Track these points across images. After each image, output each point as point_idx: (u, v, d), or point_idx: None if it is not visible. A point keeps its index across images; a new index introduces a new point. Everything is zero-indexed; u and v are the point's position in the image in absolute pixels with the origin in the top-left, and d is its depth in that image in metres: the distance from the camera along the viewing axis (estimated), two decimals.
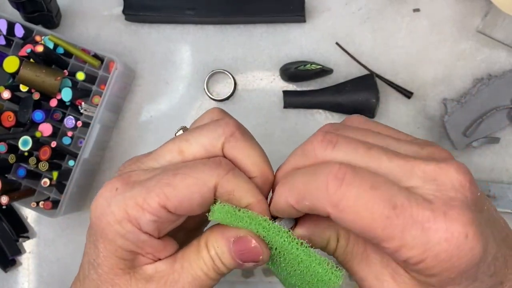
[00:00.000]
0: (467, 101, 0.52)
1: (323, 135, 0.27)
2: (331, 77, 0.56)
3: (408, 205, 0.24)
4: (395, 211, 0.23)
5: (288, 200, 0.27)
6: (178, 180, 0.27)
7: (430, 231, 0.23)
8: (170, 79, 0.58)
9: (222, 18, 0.56)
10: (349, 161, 0.26)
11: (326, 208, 0.25)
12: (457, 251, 0.23)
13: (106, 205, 0.28)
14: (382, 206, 0.24)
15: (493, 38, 0.54)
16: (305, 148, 0.28)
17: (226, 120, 0.30)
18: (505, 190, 0.52)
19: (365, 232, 0.24)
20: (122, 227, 0.27)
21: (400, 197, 0.24)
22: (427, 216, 0.23)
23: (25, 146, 0.50)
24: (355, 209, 0.24)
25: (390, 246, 0.24)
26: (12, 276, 0.57)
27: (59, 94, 0.52)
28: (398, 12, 0.56)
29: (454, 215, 0.23)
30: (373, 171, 0.25)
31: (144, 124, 0.57)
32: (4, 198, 0.49)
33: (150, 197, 0.27)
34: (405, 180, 0.25)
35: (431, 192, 0.24)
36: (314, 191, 0.25)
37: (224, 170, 0.28)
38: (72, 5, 0.59)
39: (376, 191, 0.24)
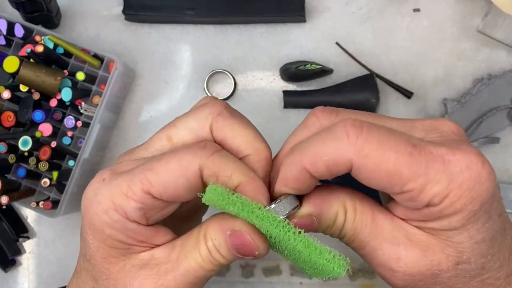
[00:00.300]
0: (467, 101, 0.52)
1: (323, 108, 0.27)
2: (331, 77, 0.56)
3: (425, 144, 0.25)
4: (416, 149, 0.24)
5: (303, 164, 0.26)
6: (161, 165, 0.26)
7: (451, 163, 0.24)
8: (170, 79, 0.58)
9: (222, 18, 0.56)
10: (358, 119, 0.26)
11: (350, 157, 0.24)
12: (478, 177, 0.24)
13: (93, 195, 0.28)
14: (404, 145, 0.24)
15: (493, 38, 0.54)
16: (307, 122, 0.28)
17: (213, 101, 0.29)
18: (505, 190, 0.52)
19: (391, 175, 0.24)
20: (109, 217, 0.27)
21: (415, 139, 0.25)
22: (445, 151, 0.24)
23: (25, 146, 0.50)
24: (379, 151, 0.24)
25: (415, 186, 0.24)
26: (12, 276, 0.57)
27: (59, 94, 0.52)
28: (398, 12, 0.56)
29: (467, 148, 0.25)
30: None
31: (144, 124, 0.57)
32: (4, 198, 0.49)
33: (133, 184, 0.26)
34: (411, 133, 0.26)
35: (436, 138, 0.26)
36: (333, 144, 0.25)
37: (208, 152, 0.27)
38: (72, 5, 0.59)
39: (394, 135, 0.25)
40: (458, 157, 0.24)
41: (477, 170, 0.24)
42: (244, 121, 0.29)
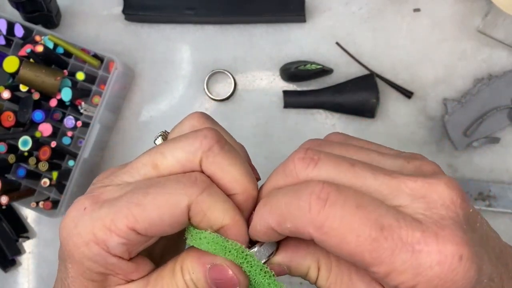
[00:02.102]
0: (468, 101, 0.52)
1: (304, 152, 0.25)
2: (331, 77, 0.55)
3: (396, 225, 0.22)
4: (383, 233, 0.22)
5: (268, 222, 0.25)
6: (148, 200, 0.25)
7: (421, 254, 0.22)
8: (170, 79, 0.58)
9: (222, 18, 0.56)
10: (332, 179, 0.24)
11: (309, 231, 0.23)
12: (451, 275, 0.22)
13: (73, 226, 0.26)
14: (369, 227, 0.22)
15: (493, 38, 0.54)
16: (286, 167, 0.26)
17: (204, 132, 0.28)
18: (505, 190, 0.52)
19: (352, 256, 0.23)
20: (89, 250, 0.26)
21: (388, 217, 0.22)
22: (417, 238, 0.22)
23: (25, 146, 0.50)
24: (340, 231, 0.22)
25: (379, 271, 0.22)
26: (12, 276, 0.57)
27: (59, 94, 0.52)
28: (398, 12, 0.56)
29: (446, 236, 0.22)
30: (358, 190, 0.24)
31: (144, 124, 0.57)
32: (4, 198, 0.49)
33: (118, 218, 0.25)
34: (392, 198, 0.24)
35: (420, 211, 0.23)
36: (296, 213, 0.23)
37: (198, 189, 0.26)
38: (72, 5, 0.59)
39: (362, 211, 0.22)
40: (431, 249, 0.22)
41: (450, 267, 0.22)
42: (234, 156, 0.28)
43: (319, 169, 0.25)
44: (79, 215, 0.26)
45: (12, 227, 0.56)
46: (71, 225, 0.26)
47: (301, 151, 0.26)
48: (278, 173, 0.27)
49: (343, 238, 0.22)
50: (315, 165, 0.25)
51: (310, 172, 0.25)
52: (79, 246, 0.26)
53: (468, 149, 0.53)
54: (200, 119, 0.30)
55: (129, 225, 0.25)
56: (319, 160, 0.25)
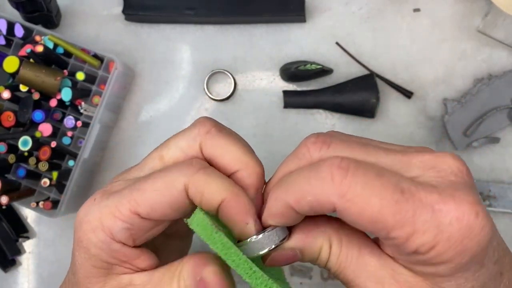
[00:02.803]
0: (468, 101, 0.52)
1: (316, 137, 0.26)
2: (331, 77, 0.56)
3: (415, 189, 0.23)
4: (404, 196, 0.23)
5: (287, 200, 0.26)
6: (148, 184, 0.27)
7: (441, 213, 0.23)
8: (170, 79, 0.58)
9: (222, 18, 0.56)
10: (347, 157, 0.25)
11: (333, 200, 0.24)
12: (469, 231, 0.23)
13: (84, 215, 0.28)
14: (391, 191, 0.23)
15: (493, 38, 0.54)
16: (298, 152, 0.27)
17: (202, 120, 0.29)
18: (505, 190, 0.52)
19: (374, 222, 0.23)
20: (96, 236, 0.27)
21: (406, 183, 0.24)
22: (436, 199, 0.23)
23: (25, 146, 0.50)
24: (363, 197, 0.23)
25: (401, 234, 0.23)
26: (12, 276, 0.57)
27: (59, 94, 0.52)
28: (398, 12, 0.56)
29: (461, 196, 0.23)
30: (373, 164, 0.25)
31: (144, 124, 0.57)
32: (4, 198, 0.49)
33: (121, 204, 0.27)
34: (405, 171, 0.25)
35: (433, 178, 0.24)
36: (318, 184, 0.24)
37: (194, 169, 0.27)
38: (72, 5, 0.59)
39: (382, 178, 0.24)
40: (449, 207, 0.23)
41: (468, 223, 0.23)
42: (233, 137, 0.29)
43: (332, 150, 0.26)
44: (90, 205, 0.28)
45: (12, 227, 0.56)
46: (82, 214, 0.28)
47: (312, 136, 0.27)
48: (290, 159, 0.28)
49: (367, 203, 0.23)
50: (328, 147, 0.26)
51: (324, 154, 0.26)
52: (87, 232, 0.28)
53: (468, 149, 0.53)
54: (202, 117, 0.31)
55: (132, 209, 0.27)
56: (332, 143, 0.26)
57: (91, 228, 0.28)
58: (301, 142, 0.27)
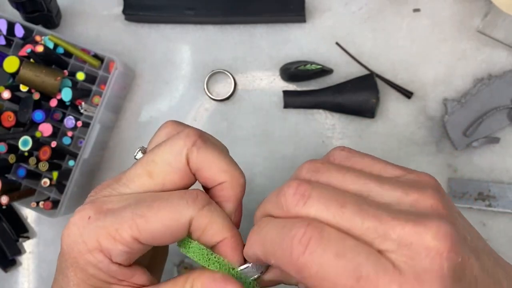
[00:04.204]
0: (468, 101, 0.52)
1: (296, 187, 0.26)
2: (331, 77, 0.56)
3: (374, 276, 0.22)
4: (359, 283, 0.22)
5: (257, 254, 0.27)
6: (152, 213, 0.27)
7: None
8: (170, 79, 0.58)
9: (222, 18, 0.56)
10: (321, 217, 0.25)
11: (290, 272, 0.24)
12: None
13: (78, 234, 0.28)
14: (346, 277, 0.23)
15: (493, 38, 0.54)
16: (278, 199, 0.27)
17: (186, 131, 0.30)
18: (505, 190, 0.52)
19: None
20: (94, 257, 0.27)
21: (366, 267, 0.23)
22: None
23: (25, 146, 0.50)
24: (317, 277, 0.23)
25: None
26: (12, 276, 0.57)
27: (59, 94, 0.52)
28: (398, 12, 0.56)
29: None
30: (345, 231, 0.24)
31: (144, 124, 0.57)
32: (4, 198, 0.49)
33: (123, 229, 0.27)
34: (378, 243, 0.23)
35: (403, 259, 0.23)
36: (279, 253, 0.25)
37: (199, 205, 0.28)
38: (72, 5, 0.59)
39: (340, 260, 0.23)
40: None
41: None
42: (218, 148, 0.30)
43: (308, 207, 0.25)
44: (84, 224, 0.28)
45: (12, 227, 0.56)
46: (76, 233, 0.28)
47: (294, 184, 0.26)
48: (271, 202, 0.28)
49: (320, 284, 0.23)
50: (305, 203, 0.25)
51: (300, 209, 0.26)
52: (83, 253, 0.27)
53: (468, 149, 0.53)
54: (173, 125, 0.32)
55: (133, 235, 0.27)
56: (310, 197, 0.26)
57: (88, 249, 0.27)
58: (284, 185, 0.27)
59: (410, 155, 0.54)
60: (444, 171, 0.54)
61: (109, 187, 0.30)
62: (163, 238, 0.27)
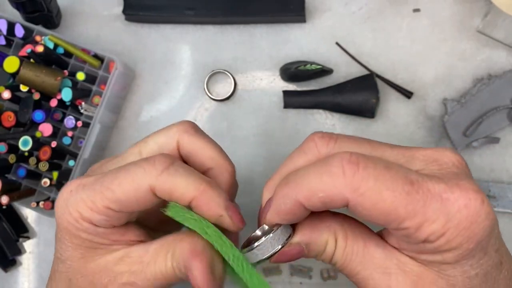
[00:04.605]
0: (467, 101, 0.52)
1: (322, 133, 0.27)
2: (331, 77, 0.56)
3: (422, 180, 0.24)
4: (413, 187, 0.24)
5: (296, 198, 0.26)
6: (115, 185, 0.28)
7: (449, 201, 0.24)
8: (170, 79, 0.58)
9: (222, 18, 0.56)
10: (355, 152, 0.25)
11: (346, 195, 0.24)
12: (476, 217, 0.24)
13: (64, 206, 0.30)
14: (401, 183, 0.24)
15: (493, 38, 0.54)
16: (305, 147, 0.27)
17: (181, 122, 0.31)
18: (505, 190, 0.52)
19: (386, 214, 0.24)
20: (80, 224, 0.29)
21: (413, 175, 0.24)
22: (443, 188, 0.24)
23: (25, 146, 0.50)
24: (376, 190, 0.24)
25: (412, 225, 0.24)
26: (12, 276, 0.57)
27: (59, 94, 0.52)
28: (398, 12, 0.56)
29: (466, 185, 0.24)
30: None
31: (144, 124, 0.57)
32: (4, 198, 0.49)
33: (95, 200, 0.28)
34: (409, 164, 0.26)
35: (436, 171, 0.25)
36: (329, 180, 0.24)
37: (157, 171, 0.28)
38: (72, 5, 0.59)
39: (391, 171, 0.24)
40: (456, 195, 0.24)
41: (475, 209, 0.24)
42: (208, 138, 0.31)
43: (340, 144, 0.27)
44: (67, 197, 0.30)
45: (12, 227, 0.56)
46: (63, 205, 0.30)
47: (317, 132, 0.28)
48: (296, 155, 0.28)
49: (380, 196, 0.24)
50: (335, 142, 0.27)
51: (332, 149, 0.27)
52: (72, 222, 0.29)
53: (468, 149, 0.53)
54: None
55: (105, 205, 0.28)
56: (338, 138, 0.27)
57: (74, 218, 0.29)
58: (307, 138, 0.28)
59: None
60: None
61: (104, 165, 0.32)
62: (132, 206, 0.28)
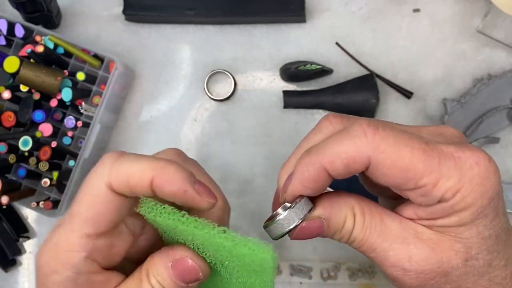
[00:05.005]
0: (467, 101, 0.52)
1: (334, 114, 0.29)
2: (331, 77, 0.56)
3: (435, 142, 0.26)
4: (428, 146, 0.26)
5: (320, 163, 0.26)
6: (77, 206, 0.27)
7: (460, 159, 0.26)
8: (170, 79, 0.58)
9: (222, 18, 0.56)
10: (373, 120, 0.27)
11: (368, 153, 0.26)
12: (486, 173, 0.26)
13: (38, 260, 0.28)
14: (418, 141, 0.26)
15: (493, 38, 0.54)
16: (320, 126, 0.29)
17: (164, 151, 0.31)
18: (505, 190, 0.52)
19: (406, 170, 0.25)
20: (58, 276, 0.27)
21: (427, 138, 0.26)
22: (454, 148, 0.26)
23: (25, 146, 0.50)
24: (396, 147, 0.25)
25: (430, 181, 0.25)
26: (12, 276, 0.57)
27: (59, 94, 0.52)
28: (398, 12, 0.56)
29: (473, 147, 0.26)
30: None
31: (144, 124, 0.57)
32: (4, 198, 0.49)
33: (69, 235, 0.27)
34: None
35: (442, 141, 0.27)
36: (351, 143, 0.26)
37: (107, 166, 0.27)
38: (72, 5, 0.59)
39: (407, 133, 0.26)
40: (467, 154, 0.26)
41: (485, 166, 0.26)
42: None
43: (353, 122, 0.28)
44: (41, 251, 0.29)
45: (13, 227, 0.56)
46: (37, 260, 0.29)
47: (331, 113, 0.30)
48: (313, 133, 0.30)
49: (399, 153, 0.25)
50: (349, 119, 0.29)
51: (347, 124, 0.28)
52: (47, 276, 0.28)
53: None
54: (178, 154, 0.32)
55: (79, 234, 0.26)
56: (350, 117, 0.29)
57: (51, 270, 0.27)
58: (321, 119, 0.29)
59: None
60: None
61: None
62: (104, 217, 0.26)
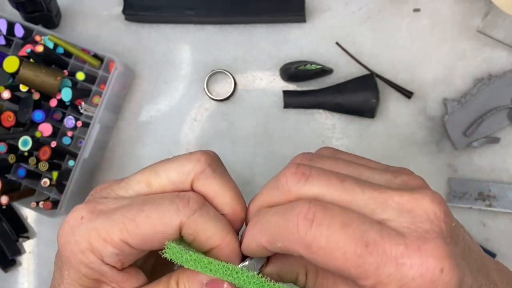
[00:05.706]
0: (468, 101, 0.52)
1: (296, 167, 0.26)
2: (331, 77, 0.56)
3: (380, 241, 0.23)
4: (367, 249, 0.23)
5: (260, 242, 0.27)
6: (142, 218, 0.27)
7: (404, 267, 0.23)
8: (170, 79, 0.58)
9: (222, 18, 0.56)
10: (323, 194, 0.25)
11: (299, 250, 0.24)
12: (432, 286, 0.23)
13: (70, 234, 0.28)
14: (354, 244, 0.23)
15: (493, 38, 0.54)
16: (278, 181, 0.27)
17: (198, 156, 0.29)
18: (505, 190, 0.52)
19: (339, 271, 0.24)
20: (86, 257, 0.27)
21: (372, 233, 0.24)
22: (401, 251, 0.23)
23: (25, 146, 0.50)
24: (327, 249, 0.24)
25: (366, 284, 0.24)
26: (12, 276, 0.57)
27: (59, 94, 0.52)
28: (398, 12, 0.56)
29: (428, 249, 0.23)
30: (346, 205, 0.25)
31: (144, 124, 0.57)
32: (4, 198, 0.49)
33: (113, 231, 0.27)
34: (379, 212, 0.24)
35: (405, 224, 0.24)
36: (285, 233, 0.25)
37: (190, 210, 0.27)
38: (72, 5, 0.59)
39: (347, 229, 0.24)
40: (413, 261, 0.23)
41: (432, 278, 0.23)
42: (225, 180, 0.30)
43: (310, 184, 0.26)
44: (76, 224, 0.27)
45: (12, 227, 0.56)
46: (69, 232, 0.28)
47: (293, 166, 0.27)
48: (270, 188, 0.28)
49: (330, 255, 0.24)
50: (306, 180, 0.26)
51: (302, 187, 0.26)
52: (76, 253, 0.27)
53: (468, 149, 0.53)
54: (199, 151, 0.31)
55: (123, 238, 0.27)
56: (310, 175, 0.26)
57: (80, 249, 0.27)
58: (283, 169, 0.27)
59: (410, 155, 0.54)
60: (444, 171, 0.54)
61: (109, 188, 0.30)
62: (153, 243, 0.27)
